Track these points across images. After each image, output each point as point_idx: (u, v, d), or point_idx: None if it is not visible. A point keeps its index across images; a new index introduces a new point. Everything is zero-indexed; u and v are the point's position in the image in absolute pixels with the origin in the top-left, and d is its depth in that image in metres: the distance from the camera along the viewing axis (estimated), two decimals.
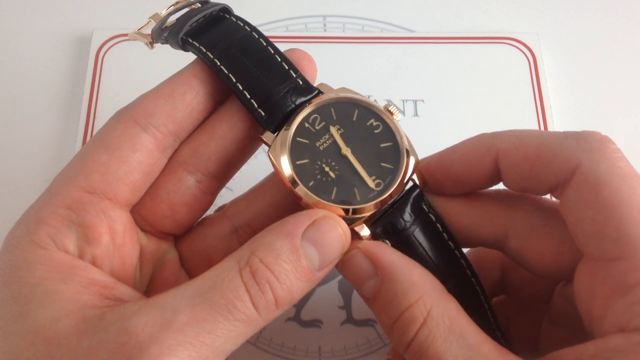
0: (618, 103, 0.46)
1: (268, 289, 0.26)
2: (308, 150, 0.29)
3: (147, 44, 0.33)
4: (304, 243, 0.27)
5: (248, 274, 0.26)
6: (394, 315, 0.27)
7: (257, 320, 0.26)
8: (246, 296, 0.25)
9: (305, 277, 0.27)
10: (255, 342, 0.37)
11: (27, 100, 0.45)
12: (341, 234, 0.28)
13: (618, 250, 0.25)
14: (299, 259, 0.26)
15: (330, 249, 0.27)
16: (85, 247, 0.28)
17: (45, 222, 0.27)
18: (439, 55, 0.47)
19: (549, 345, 0.32)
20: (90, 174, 0.29)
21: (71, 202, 0.28)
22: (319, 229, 0.27)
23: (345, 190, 0.29)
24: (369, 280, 0.28)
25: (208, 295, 0.25)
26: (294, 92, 0.30)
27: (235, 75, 0.30)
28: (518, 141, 0.28)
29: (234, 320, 0.25)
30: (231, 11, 0.32)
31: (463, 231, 0.31)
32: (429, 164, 0.30)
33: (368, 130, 0.30)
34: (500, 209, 0.31)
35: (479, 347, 0.26)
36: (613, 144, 0.27)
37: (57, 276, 0.26)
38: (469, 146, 0.30)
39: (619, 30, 0.49)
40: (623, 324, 0.24)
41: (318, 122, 0.30)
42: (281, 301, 0.26)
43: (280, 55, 0.31)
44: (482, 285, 0.31)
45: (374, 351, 0.37)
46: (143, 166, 0.30)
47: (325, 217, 0.27)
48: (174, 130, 0.30)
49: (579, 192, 0.26)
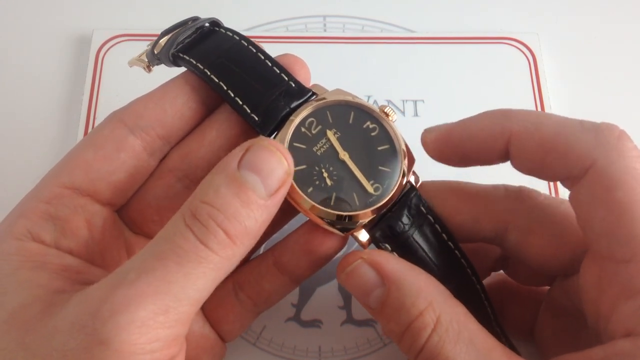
0: (618, 103, 0.46)
1: (212, 223, 0.25)
2: (305, 156, 0.29)
3: (145, 68, 0.34)
4: (242, 171, 0.25)
5: (189, 215, 0.25)
6: (404, 324, 0.27)
7: (213, 259, 0.25)
8: (190, 235, 0.24)
9: (254, 205, 0.25)
10: (255, 342, 0.37)
11: (27, 100, 0.45)
12: (277, 154, 0.26)
13: (628, 253, 0.25)
14: (240, 187, 0.25)
15: (270, 170, 0.26)
16: (62, 239, 0.28)
17: (24, 215, 0.28)
18: (439, 55, 0.47)
19: (545, 335, 0.33)
20: (73, 170, 0.29)
21: (51, 197, 0.28)
22: (252, 154, 0.26)
23: (344, 196, 0.29)
24: (375, 290, 0.28)
25: (155, 247, 0.25)
26: (287, 95, 0.30)
27: (225, 83, 0.30)
28: (533, 127, 0.27)
29: (185, 262, 0.24)
30: (221, 24, 0.33)
31: (463, 229, 0.31)
32: (437, 138, 0.30)
33: (364, 133, 0.30)
34: (499, 204, 0.31)
35: (488, 353, 0.26)
36: (630, 142, 0.27)
37: (30, 265, 0.27)
38: (481, 124, 0.29)
39: (619, 30, 0.49)
40: (631, 328, 0.24)
41: (314, 126, 0.30)
42: (234, 233, 0.25)
43: (271, 60, 0.31)
44: (482, 282, 0.31)
45: (374, 351, 0.37)
46: (127, 167, 0.30)
47: (257, 142, 0.26)
48: (163, 134, 0.30)
49: (591, 190, 0.26)
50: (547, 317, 0.33)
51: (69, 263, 0.28)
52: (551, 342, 0.32)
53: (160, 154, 0.31)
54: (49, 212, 0.28)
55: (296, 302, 0.38)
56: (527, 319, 0.34)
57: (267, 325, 0.37)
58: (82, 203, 0.29)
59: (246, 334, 0.37)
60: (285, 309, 0.38)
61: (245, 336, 0.37)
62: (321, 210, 0.29)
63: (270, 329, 0.37)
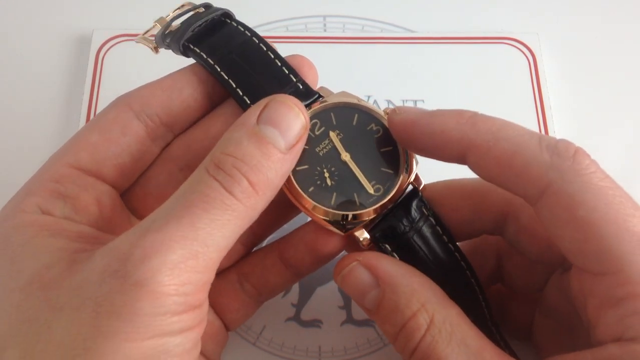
0: (618, 103, 0.46)
1: (237, 173, 0.25)
2: (308, 156, 0.29)
3: (152, 49, 0.34)
4: (261, 126, 0.27)
5: (213, 167, 0.26)
6: (398, 325, 0.27)
7: (238, 207, 0.25)
8: (216, 184, 0.25)
9: (274, 157, 0.26)
10: (255, 342, 0.37)
11: (27, 100, 0.45)
12: (295, 109, 0.27)
13: (603, 267, 0.25)
14: (260, 140, 0.26)
15: (289, 123, 0.27)
16: (73, 215, 0.28)
17: (33, 193, 0.28)
18: (439, 55, 0.47)
19: (541, 336, 0.33)
20: (79, 151, 0.29)
21: (59, 176, 0.29)
22: (271, 109, 0.27)
23: (345, 196, 0.29)
24: (371, 291, 0.28)
25: (180, 197, 0.25)
26: (294, 96, 0.30)
27: (234, 80, 0.30)
28: (493, 141, 0.27)
29: (212, 209, 0.25)
30: (232, 16, 0.33)
31: (464, 224, 0.31)
32: (402, 122, 0.29)
33: (368, 135, 0.30)
34: (497, 196, 0.31)
35: (480, 353, 0.26)
36: (587, 159, 0.26)
37: (46, 233, 0.27)
38: (444, 125, 0.28)
39: (619, 30, 0.49)
40: (618, 334, 0.25)
41: (318, 127, 0.30)
42: (257, 182, 0.26)
43: (281, 59, 0.31)
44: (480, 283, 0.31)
45: (374, 351, 0.37)
46: (132, 150, 0.30)
47: (274, 99, 0.27)
48: (168, 122, 0.31)
49: (552, 211, 0.26)
50: (542, 318, 0.33)
51: (84, 230, 0.28)
52: (547, 342, 0.32)
53: (162, 141, 0.31)
54: (58, 190, 0.28)
55: (296, 302, 0.38)
56: (527, 320, 0.34)
57: (267, 325, 0.37)
58: (91, 182, 0.29)
59: (246, 333, 0.37)
60: (285, 309, 0.38)
61: (245, 336, 0.37)
62: (321, 210, 0.29)
63: (270, 328, 0.37)
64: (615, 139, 0.44)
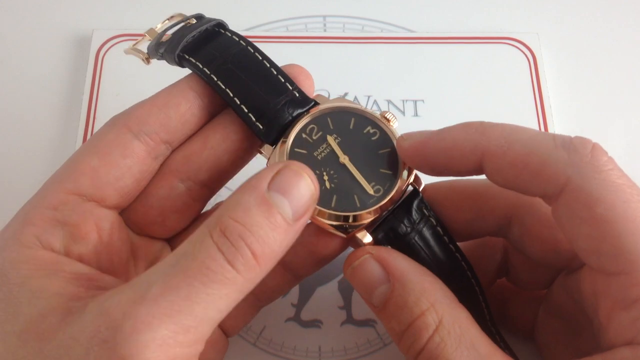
0: (618, 103, 0.46)
1: (242, 244, 0.24)
2: (306, 161, 0.29)
3: (144, 60, 0.34)
4: (272, 193, 0.25)
5: (218, 233, 0.24)
6: (405, 323, 0.27)
7: (238, 280, 0.24)
8: (219, 255, 0.24)
9: (281, 228, 0.25)
10: (255, 342, 0.37)
11: (27, 100, 0.45)
12: (307, 179, 0.26)
13: (618, 266, 0.25)
14: (270, 209, 0.25)
15: (299, 194, 0.26)
16: (72, 244, 0.28)
17: (31, 222, 0.28)
18: (439, 55, 0.47)
19: (545, 334, 0.33)
20: (80, 177, 0.29)
21: (57, 203, 0.28)
22: (283, 177, 0.26)
23: (345, 198, 0.29)
24: (380, 286, 0.28)
25: (180, 263, 0.24)
26: (291, 105, 0.30)
27: (232, 90, 0.30)
28: (507, 145, 0.27)
29: (211, 283, 0.24)
30: (226, 26, 0.33)
31: (468, 226, 0.31)
32: (411, 147, 0.29)
33: (365, 137, 0.31)
34: (501, 198, 0.31)
35: (489, 358, 0.26)
36: (605, 155, 0.26)
37: (42, 273, 0.26)
38: (454, 140, 0.28)
39: (619, 30, 0.49)
40: (630, 338, 0.25)
41: (315, 132, 0.30)
42: (260, 255, 0.25)
43: (276, 68, 0.31)
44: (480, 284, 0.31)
45: (374, 351, 0.37)
46: (134, 172, 0.30)
47: (287, 166, 0.26)
48: (167, 138, 0.30)
49: (571, 208, 0.26)
50: (546, 316, 0.33)
51: (80, 270, 0.27)
52: (551, 341, 0.32)
53: (162, 157, 0.31)
54: (57, 217, 0.28)
55: (296, 302, 0.38)
56: (529, 319, 0.34)
57: (267, 325, 0.37)
58: (89, 208, 0.29)
59: (246, 334, 0.37)
60: (285, 309, 0.38)
61: (245, 336, 0.37)
62: (322, 212, 0.29)
63: (270, 329, 0.37)
64: (615, 139, 0.44)
